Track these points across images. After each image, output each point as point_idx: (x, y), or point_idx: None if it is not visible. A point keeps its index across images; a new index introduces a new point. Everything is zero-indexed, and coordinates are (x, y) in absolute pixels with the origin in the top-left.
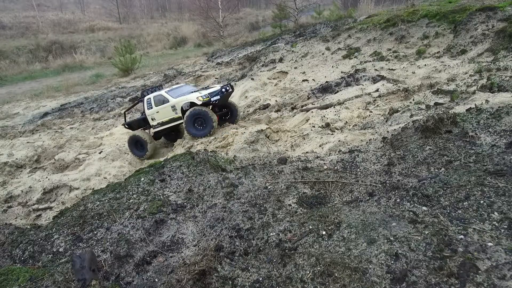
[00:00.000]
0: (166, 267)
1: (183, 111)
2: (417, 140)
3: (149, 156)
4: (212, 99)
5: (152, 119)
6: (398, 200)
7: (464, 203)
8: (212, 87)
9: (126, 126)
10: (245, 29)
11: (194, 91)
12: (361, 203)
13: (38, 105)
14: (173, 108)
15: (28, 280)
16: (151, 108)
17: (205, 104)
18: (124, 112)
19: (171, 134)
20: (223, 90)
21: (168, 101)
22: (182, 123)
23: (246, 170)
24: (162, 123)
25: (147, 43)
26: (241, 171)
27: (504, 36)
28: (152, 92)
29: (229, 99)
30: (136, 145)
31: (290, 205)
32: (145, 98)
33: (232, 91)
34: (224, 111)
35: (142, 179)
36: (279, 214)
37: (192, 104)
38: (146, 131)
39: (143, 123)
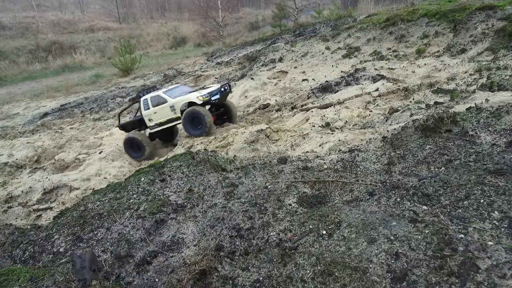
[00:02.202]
0: (166, 267)
1: (182, 111)
2: (417, 139)
3: (147, 157)
4: (212, 98)
5: (149, 120)
6: (398, 199)
7: (464, 202)
8: (210, 87)
9: (121, 128)
10: (245, 29)
11: (192, 91)
12: (361, 203)
13: (38, 106)
14: (172, 108)
15: (29, 280)
16: (148, 109)
17: (205, 103)
18: (119, 114)
19: (166, 135)
20: (222, 89)
21: (166, 102)
22: (180, 123)
23: (246, 170)
24: (160, 124)
25: (147, 43)
26: (241, 171)
27: (504, 35)
28: (148, 93)
29: (227, 98)
30: (132, 146)
31: (290, 204)
32: (142, 99)
33: (230, 90)
34: (221, 110)
35: (142, 179)
36: (279, 213)
37: (190, 104)
38: (142, 132)
39: (138, 124)
